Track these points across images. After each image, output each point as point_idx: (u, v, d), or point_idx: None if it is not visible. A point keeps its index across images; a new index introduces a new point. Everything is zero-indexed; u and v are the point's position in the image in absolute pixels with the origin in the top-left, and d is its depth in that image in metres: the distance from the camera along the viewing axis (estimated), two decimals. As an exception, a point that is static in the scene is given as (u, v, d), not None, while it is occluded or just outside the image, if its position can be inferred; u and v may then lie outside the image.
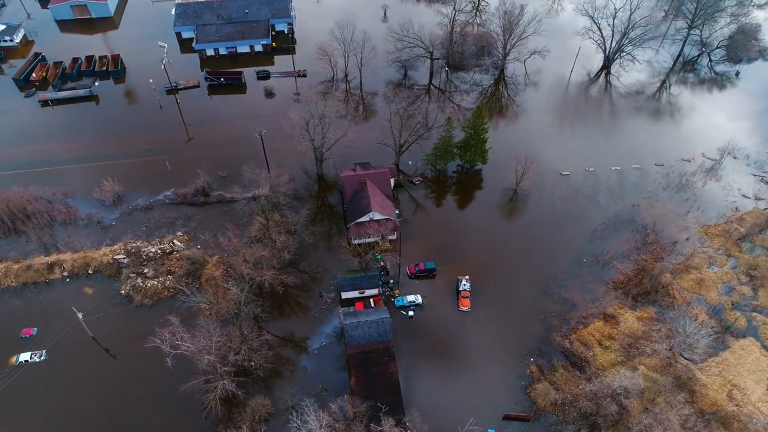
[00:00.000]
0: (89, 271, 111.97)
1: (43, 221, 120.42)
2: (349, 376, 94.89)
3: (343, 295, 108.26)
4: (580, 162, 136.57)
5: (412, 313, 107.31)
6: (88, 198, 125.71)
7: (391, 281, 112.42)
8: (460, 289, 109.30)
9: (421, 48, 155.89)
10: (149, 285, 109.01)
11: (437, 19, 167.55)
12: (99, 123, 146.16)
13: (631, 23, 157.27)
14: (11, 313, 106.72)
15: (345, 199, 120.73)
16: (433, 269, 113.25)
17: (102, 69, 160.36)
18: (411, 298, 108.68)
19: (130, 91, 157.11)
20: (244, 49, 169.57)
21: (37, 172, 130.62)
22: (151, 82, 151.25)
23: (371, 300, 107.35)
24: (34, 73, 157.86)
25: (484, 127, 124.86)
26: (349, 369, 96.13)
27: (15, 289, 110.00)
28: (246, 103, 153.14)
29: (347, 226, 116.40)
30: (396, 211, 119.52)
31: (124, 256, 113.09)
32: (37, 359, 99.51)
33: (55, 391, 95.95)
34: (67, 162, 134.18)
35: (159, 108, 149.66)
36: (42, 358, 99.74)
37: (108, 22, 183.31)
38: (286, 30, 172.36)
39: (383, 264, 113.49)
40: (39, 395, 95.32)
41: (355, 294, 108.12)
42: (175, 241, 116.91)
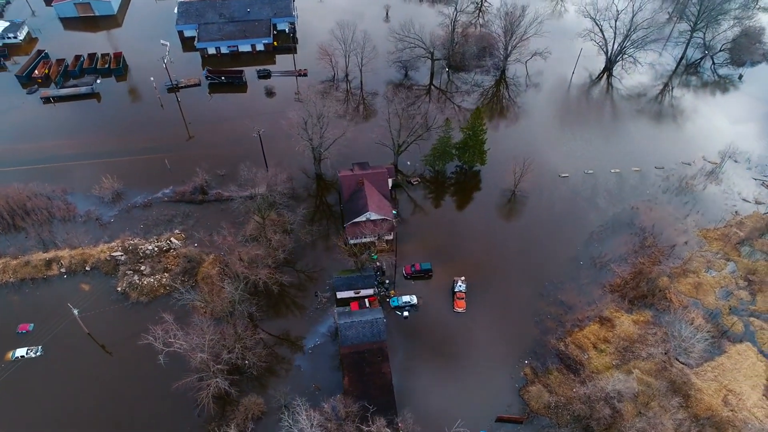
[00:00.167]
0: (86, 268, 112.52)
1: (42, 217, 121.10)
2: (342, 376, 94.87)
3: (339, 294, 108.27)
4: (580, 164, 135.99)
5: (407, 313, 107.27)
6: (87, 195, 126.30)
7: (387, 281, 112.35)
8: (456, 290, 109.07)
9: (422, 48, 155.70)
10: (146, 282, 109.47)
11: (439, 19, 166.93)
12: (100, 120, 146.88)
13: (633, 25, 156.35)
14: (8, 308, 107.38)
15: (342, 198, 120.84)
16: (429, 270, 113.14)
17: (104, 67, 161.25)
18: (406, 298, 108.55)
19: (131, 89, 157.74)
20: (245, 48, 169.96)
21: (37, 168, 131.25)
22: (152, 80, 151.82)
23: (366, 300, 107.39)
24: (37, 70, 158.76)
25: (483, 128, 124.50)
26: (342, 369, 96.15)
27: (13, 284, 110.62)
28: (246, 102, 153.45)
29: (344, 226, 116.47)
30: (393, 212, 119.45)
31: (121, 253, 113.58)
32: (33, 355, 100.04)
33: (51, 386, 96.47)
34: (67, 159, 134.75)
35: (160, 106, 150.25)
36: (38, 353, 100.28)
37: (111, 20, 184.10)
38: (288, 29, 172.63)
39: (379, 264, 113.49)
40: (34, 391, 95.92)
41: (351, 294, 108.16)
42: (172, 238, 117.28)
